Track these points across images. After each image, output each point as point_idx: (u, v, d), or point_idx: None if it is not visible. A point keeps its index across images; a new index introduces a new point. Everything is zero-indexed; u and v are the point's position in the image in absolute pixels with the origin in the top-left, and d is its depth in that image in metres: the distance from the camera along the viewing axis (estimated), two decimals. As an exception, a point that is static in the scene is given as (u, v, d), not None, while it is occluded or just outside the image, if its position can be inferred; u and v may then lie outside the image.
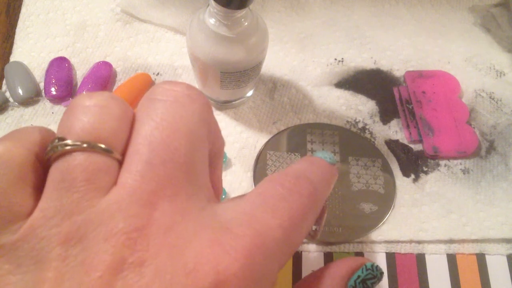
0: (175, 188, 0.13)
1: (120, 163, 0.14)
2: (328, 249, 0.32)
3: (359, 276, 0.18)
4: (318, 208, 0.16)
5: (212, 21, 0.29)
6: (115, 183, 0.13)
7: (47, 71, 0.37)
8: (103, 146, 0.13)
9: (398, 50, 0.41)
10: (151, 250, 0.12)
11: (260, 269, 0.13)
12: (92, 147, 0.13)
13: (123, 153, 0.14)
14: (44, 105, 0.37)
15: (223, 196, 0.33)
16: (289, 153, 0.35)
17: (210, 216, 0.14)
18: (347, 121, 0.37)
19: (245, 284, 0.12)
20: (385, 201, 0.33)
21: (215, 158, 0.17)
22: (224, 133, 0.36)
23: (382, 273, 0.18)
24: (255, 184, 0.34)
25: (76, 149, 0.13)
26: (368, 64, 0.40)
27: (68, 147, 0.13)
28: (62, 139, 0.13)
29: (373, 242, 0.32)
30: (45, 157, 0.13)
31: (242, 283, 0.12)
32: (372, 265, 0.18)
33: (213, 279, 0.12)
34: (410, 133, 0.37)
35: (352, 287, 0.18)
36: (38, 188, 0.13)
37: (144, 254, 0.12)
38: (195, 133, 0.14)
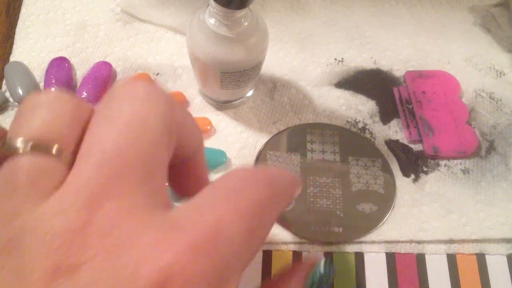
0: (122, 189, 0.12)
1: (70, 164, 0.13)
2: (328, 249, 0.32)
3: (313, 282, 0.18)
4: (280, 201, 0.16)
5: (212, 21, 0.29)
6: (61, 185, 0.12)
7: (47, 71, 0.37)
8: (49, 147, 0.12)
9: (398, 50, 0.41)
10: (89, 253, 0.11)
11: (215, 264, 0.12)
12: (36, 149, 0.12)
13: (75, 154, 0.13)
14: (44, 105, 0.37)
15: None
16: (289, 153, 0.35)
17: (158, 216, 0.13)
18: (347, 121, 0.37)
19: (196, 281, 0.11)
20: (385, 201, 0.33)
21: (195, 153, 0.17)
22: (224, 133, 0.36)
23: (333, 273, 0.19)
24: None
25: (18, 151, 0.12)
26: (368, 64, 0.40)
27: (11, 149, 0.12)
28: (6, 141, 0.12)
29: (373, 242, 0.32)
30: None
31: (192, 279, 0.11)
32: (324, 267, 0.18)
33: (156, 277, 0.11)
34: (410, 133, 0.37)
35: None
36: None
37: (80, 257, 0.11)
38: (151, 133, 0.13)
